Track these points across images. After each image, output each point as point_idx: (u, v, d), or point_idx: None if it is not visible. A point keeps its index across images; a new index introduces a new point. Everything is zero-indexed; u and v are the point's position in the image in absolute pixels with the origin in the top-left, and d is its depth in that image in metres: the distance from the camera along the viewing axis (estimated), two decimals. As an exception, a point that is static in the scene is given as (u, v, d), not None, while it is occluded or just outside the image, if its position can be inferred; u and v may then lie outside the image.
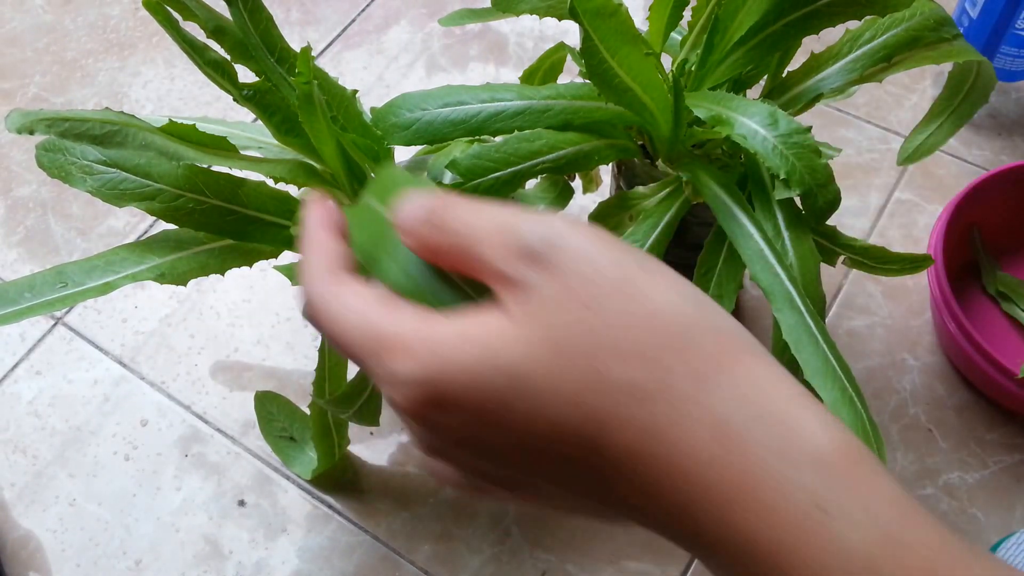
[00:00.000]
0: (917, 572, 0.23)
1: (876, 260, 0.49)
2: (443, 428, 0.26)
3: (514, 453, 0.26)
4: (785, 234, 0.45)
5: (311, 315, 0.28)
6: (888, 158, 0.71)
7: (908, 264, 0.49)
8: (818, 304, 0.44)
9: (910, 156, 0.52)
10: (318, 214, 0.30)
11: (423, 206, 0.28)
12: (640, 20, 0.49)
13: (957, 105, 0.51)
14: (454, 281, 0.29)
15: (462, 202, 0.28)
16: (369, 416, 0.50)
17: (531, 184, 0.53)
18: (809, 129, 0.42)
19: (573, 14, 0.38)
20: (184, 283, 0.43)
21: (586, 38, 0.39)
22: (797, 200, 0.45)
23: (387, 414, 0.57)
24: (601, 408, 0.25)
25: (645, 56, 0.42)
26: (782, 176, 0.42)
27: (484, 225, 0.27)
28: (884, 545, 0.23)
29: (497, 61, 0.78)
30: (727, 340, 0.26)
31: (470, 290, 0.28)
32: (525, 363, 0.25)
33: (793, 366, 0.44)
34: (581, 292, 0.25)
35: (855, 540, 0.23)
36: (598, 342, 0.25)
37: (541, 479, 0.27)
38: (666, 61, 0.49)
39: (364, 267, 0.29)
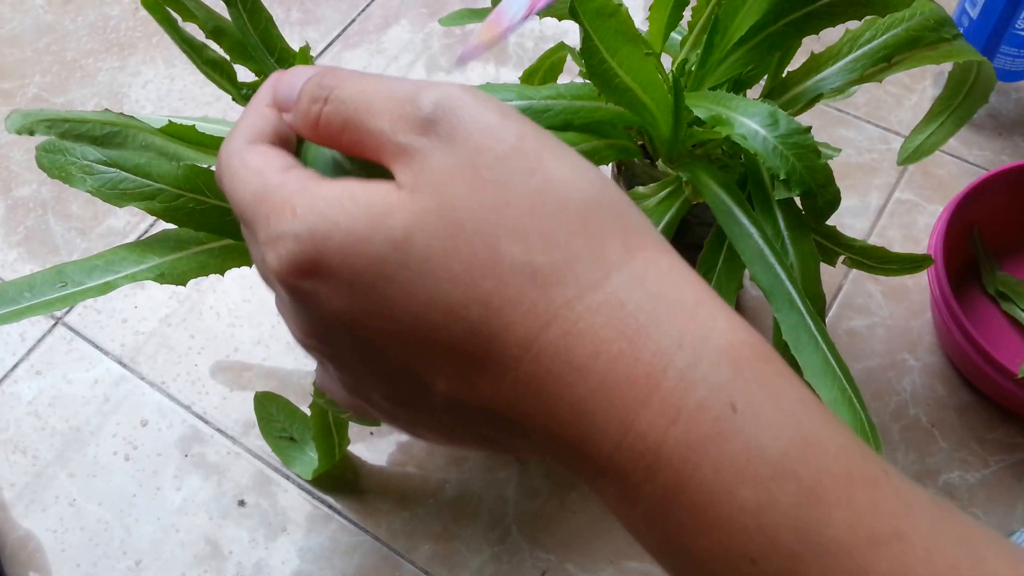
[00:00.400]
0: (833, 473, 0.21)
1: (876, 260, 0.49)
2: (316, 301, 0.24)
3: (389, 336, 0.23)
4: (785, 234, 0.45)
5: (216, 175, 0.26)
6: (888, 158, 0.71)
7: (908, 264, 0.49)
8: (818, 304, 0.44)
9: (910, 156, 0.52)
10: (269, 87, 0.28)
11: (306, 77, 0.26)
12: (640, 20, 0.49)
13: (957, 105, 0.51)
14: (359, 170, 0.27)
15: (351, 73, 0.26)
16: (370, 418, 0.50)
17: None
18: (809, 129, 0.42)
19: (573, 14, 0.38)
20: (184, 283, 0.43)
21: (586, 38, 0.39)
22: (797, 200, 0.45)
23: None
24: (494, 291, 0.22)
25: (645, 56, 0.42)
26: (782, 176, 0.42)
27: (376, 96, 0.24)
28: (798, 445, 0.21)
29: (497, 61, 0.78)
30: (632, 227, 0.24)
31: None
32: (412, 231, 0.22)
33: (793, 366, 0.44)
34: (478, 163, 0.23)
35: (769, 440, 0.21)
36: (495, 218, 0.22)
37: (417, 375, 0.24)
38: (666, 61, 0.49)
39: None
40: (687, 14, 0.49)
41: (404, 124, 0.24)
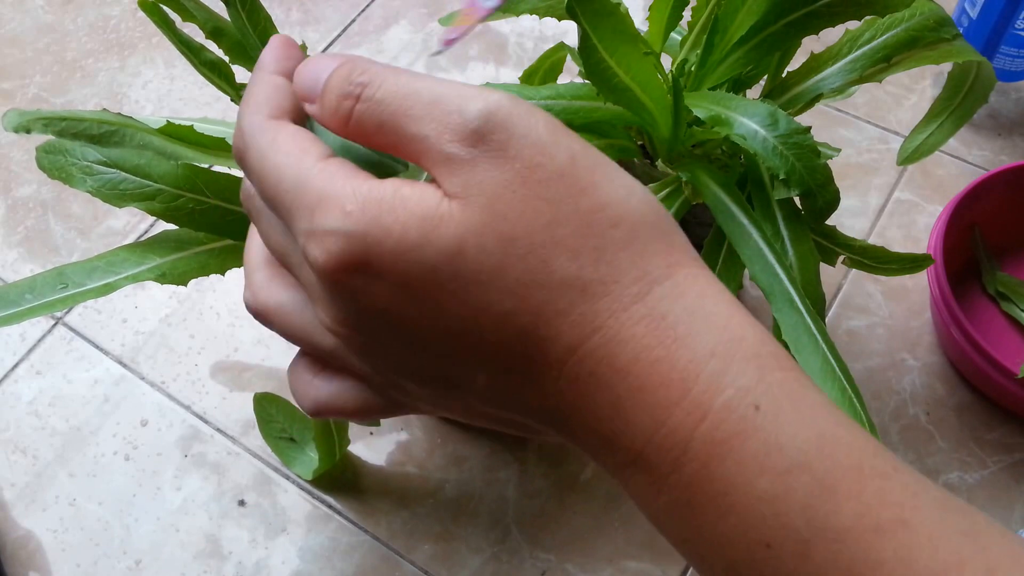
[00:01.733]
0: (845, 467, 0.23)
1: (876, 260, 0.49)
2: (360, 295, 0.24)
3: (436, 335, 0.24)
4: (785, 234, 0.45)
5: (238, 149, 0.26)
6: (888, 158, 0.71)
7: (908, 264, 0.49)
8: (818, 304, 0.44)
9: (910, 156, 0.52)
10: (277, 54, 0.27)
11: (331, 68, 0.26)
12: (640, 20, 0.49)
13: (957, 105, 0.51)
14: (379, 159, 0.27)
15: (385, 68, 0.25)
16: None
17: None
18: (809, 129, 0.42)
19: (571, 12, 0.38)
20: (184, 283, 0.43)
21: (584, 37, 0.39)
22: (797, 200, 0.45)
23: (387, 414, 0.57)
24: (545, 303, 0.24)
25: (644, 55, 0.42)
26: (782, 176, 0.42)
27: (417, 99, 0.24)
28: (814, 442, 0.23)
29: (497, 61, 0.78)
30: (674, 245, 0.26)
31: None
32: (464, 244, 0.23)
33: None
34: (530, 179, 0.24)
35: (787, 437, 0.23)
36: (548, 236, 0.24)
37: (459, 369, 0.25)
38: (666, 62, 0.49)
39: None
40: (687, 14, 0.49)
41: (450, 133, 0.24)
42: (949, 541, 0.23)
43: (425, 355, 0.25)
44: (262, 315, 0.30)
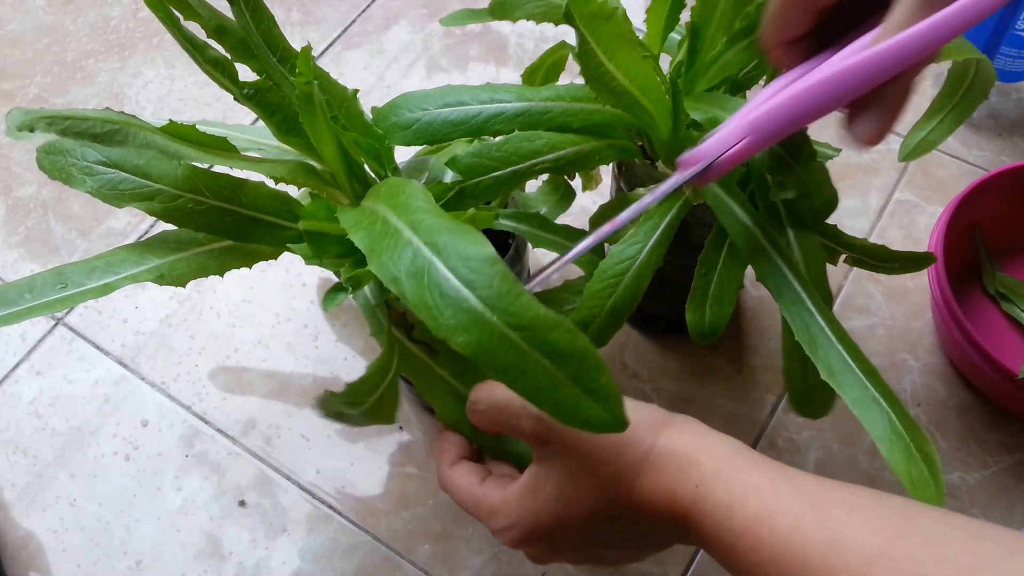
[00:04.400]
0: (752, 507, 0.36)
1: (878, 258, 0.49)
2: (535, 547, 0.42)
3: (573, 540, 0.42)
4: (790, 233, 0.45)
5: (443, 488, 0.44)
6: (888, 158, 0.71)
7: (910, 262, 0.49)
8: (826, 301, 0.44)
9: (911, 152, 0.52)
10: (441, 430, 0.46)
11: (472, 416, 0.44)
12: (639, 21, 0.49)
13: (957, 102, 0.51)
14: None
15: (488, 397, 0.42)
16: (384, 413, 0.49)
17: (532, 186, 0.53)
18: (806, 129, 0.42)
19: (568, 18, 0.38)
20: (183, 284, 0.43)
21: (582, 42, 0.39)
22: (798, 200, 0.45)
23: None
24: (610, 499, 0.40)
25: (643, 59, 0.42)
26: (778, 177, 0.42)
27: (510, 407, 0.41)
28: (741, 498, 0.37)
29: (497, 61, 0.78)
30: (646, 431, 0.39)
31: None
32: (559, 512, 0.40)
33: (808, 369, 0.44)
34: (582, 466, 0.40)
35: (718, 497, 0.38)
36: (606, 491, 0.40)
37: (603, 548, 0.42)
38: (665, 61, 0.49)
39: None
40: (686, 15, 0.49)
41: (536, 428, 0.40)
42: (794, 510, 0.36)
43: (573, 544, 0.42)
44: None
